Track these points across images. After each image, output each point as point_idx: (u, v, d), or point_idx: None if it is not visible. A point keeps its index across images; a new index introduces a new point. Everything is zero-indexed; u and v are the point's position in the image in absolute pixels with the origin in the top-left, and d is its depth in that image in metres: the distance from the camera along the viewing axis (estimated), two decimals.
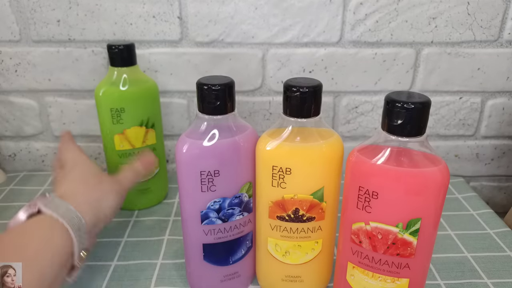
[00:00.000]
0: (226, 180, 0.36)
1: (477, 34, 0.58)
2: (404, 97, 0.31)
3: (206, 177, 0.35)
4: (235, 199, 0.37)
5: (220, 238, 0.38)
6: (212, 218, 0.37)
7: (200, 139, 0.35)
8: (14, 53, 0.59)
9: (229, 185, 0.36)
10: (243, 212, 0.38)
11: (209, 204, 0.36)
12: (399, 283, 0.34)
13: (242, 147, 0.36)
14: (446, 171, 0.32)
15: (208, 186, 0.36)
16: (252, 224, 0.39)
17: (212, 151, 0.35)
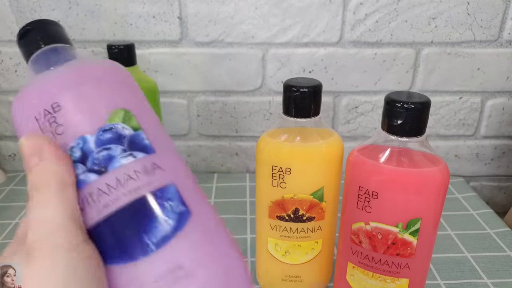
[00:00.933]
0: (76, 111, 0.22)
1: (477, 34, 0.58)
2: (404, 97, 0.31)
3: (45, 119, 0.22)
4: (103, 133, 0.22)
5: (107, 205, 0.20)
6: (80, 175, 0.21)
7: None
8: (14, 53, 0.59)
9: (84, 118, 0.22)
10: (133, 152, 0.21)
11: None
12: (399, 283, 0.34)
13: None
14: (446, 171, 0.32)
15: (53, 131, 0.22)
16: (168, 174, 0.22)
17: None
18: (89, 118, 0.22)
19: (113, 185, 0.21)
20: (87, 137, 0.21)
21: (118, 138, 0.22)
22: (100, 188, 0.20)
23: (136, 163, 0.21)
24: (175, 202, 0.21)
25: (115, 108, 0.22)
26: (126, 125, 0.22)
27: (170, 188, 0.21)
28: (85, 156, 0.21)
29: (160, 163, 0.22)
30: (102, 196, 0.20)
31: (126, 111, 0.22)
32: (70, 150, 0.21)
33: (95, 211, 0.20)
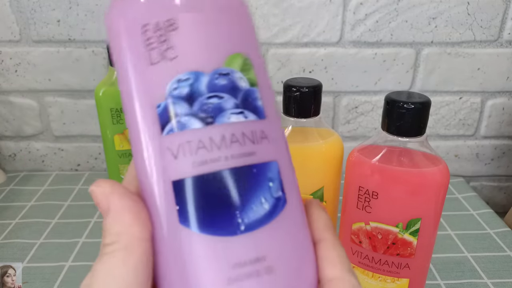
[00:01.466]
0: (193, 39, 0.18)
1: (477, 34, 0.58)
2: (404, 97, 0.31)
3: (154, 33, 0.18)
4: (219, 77, 0.18)
5: (205, 162, 0.17)
6: (181, 117, 0.18)
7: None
8: (14, 53, 0.59)
9: (201, 50, 0.18)
10: (245, 111, 0.18)
11: (170, 86, 0.18)
12: (399, 283, 0.34)
13: None
14: (446, 171, 0.32)
15: (161, 51, 0.18)
16: (273, 148, 0.19)
17: None
18: (207, 54, 0.18)
19: (217, 142, 0.17)
20: (200, 74, 0.18)
21: (233, 88, 0.18)
22: (202, 141, 0.17)
23: (246, 125, 0.18)
24: (275, 184, 0.18)
25: (235, 52, 0.19)
26: (244, 75, 0.19)
27: (273, 165, 0.18)
28: (192, 96, 0.18)
29: (268, 133, 0.19)
30: (201, 150, 0.17)
31: (246, 59, 0.19)
32: (177, 82, 0.18)
33: (188, 164, 0.17)
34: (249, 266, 0.17)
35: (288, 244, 0.18)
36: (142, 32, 0.18)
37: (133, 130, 0.19)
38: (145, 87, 0.18)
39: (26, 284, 0.42)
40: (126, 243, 0.17)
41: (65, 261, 0.45)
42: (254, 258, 0.17)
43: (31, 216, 0.53)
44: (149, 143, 0.18)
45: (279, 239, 0.18)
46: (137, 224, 0.17)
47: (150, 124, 0.18)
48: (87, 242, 0.49)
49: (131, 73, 0.18)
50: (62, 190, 0.60)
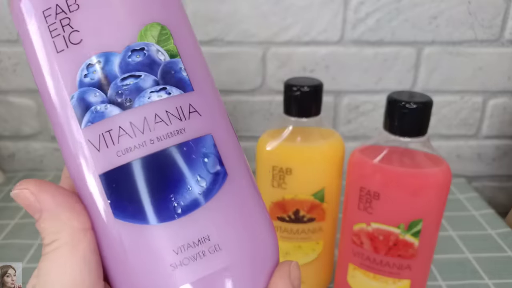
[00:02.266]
0: (98, 16, 0.17)
1: (478, 34, 0.58)
2: (406, 97, 0.30)
3: (56, 18, 0.17)
4: (132, 54, 0.17)
5: (129, 150, 0.16)
6: (97, 105, 0.17)
7: None
8: (12, 53, 0.59)
9: (109, 27, 0.17)
10: (167, 87, 0.17)
11: (80, 73, 0.17)
12: (400, 284, 0.33)
13: None
14: (448, 171, 0.31)
15: (66, 37, 0.17)
16: (205, 121, 0.18)
17: None
18: (115, 30, 0.17)
19: (139, 127, 0.16)
20: (110, 55, 0.16)
21: (150, 63, 0.17)
22: (123, 127, 0.16)
23: (169, 101, 0.17)
24: (211, 158, 0.17)
25: (148, 22, 0.17)
26: (161, 48, 0.17)
27: (207, 139, 0.17)
28: (105, 81, 0.16)
29: (198, 106, 0.17)
30: (124, 138, 0.16)
31: (162, 28, 0.17)
32: (86, 67, 0.16)
33: (112, 154, 0.16)
34: (192, 248, 0.16)
35: (233, 219, 0.17)
36: (44, 18, 0.17)
37: (54, 125, 0.18)
38: (56, 78, 0.17)
39: (26, 284, 0.42)
40: (68, 238, 0.16)
41: None
42: (197, 240, 0.16)
43: (31, 216, 0.53)
44: (70, 138, 0.17)
45: (222, 215, 0.17)
46: (75, 218, 0.17)
47: (67, 118, 0.17)
48: None
49: (40, 64, 0.17)
50: None
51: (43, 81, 0.17)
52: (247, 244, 0.17)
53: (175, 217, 0.16)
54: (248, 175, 0.19)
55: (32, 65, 0.18)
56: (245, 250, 0.17)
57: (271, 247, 0.19)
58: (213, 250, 0.17)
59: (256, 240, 0.18)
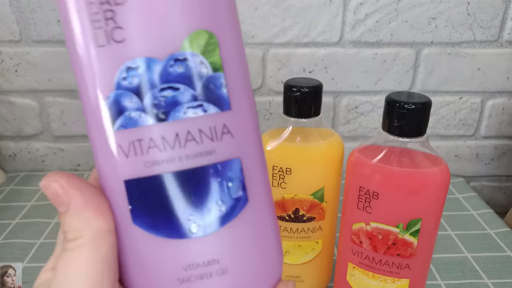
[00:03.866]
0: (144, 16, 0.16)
1: (477, 34, 0.58)
2: (405, 98, 0.31)
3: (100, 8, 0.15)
4: (174, 64, 0.16)
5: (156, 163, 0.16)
6: (131, 112, 0.16)
7: None
8: (14, 53, 0.59)
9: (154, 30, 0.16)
10: (205, 104, 0.17)
11: (119, 75, 0.16)
12: (399, 283, 0.34)
13: None
14: (446, 171, 0.32)
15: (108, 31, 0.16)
16: (236, 144, 0.17)
17: None
18: (161, 34, 0.16)
19: (170, 142, 0.16)
20: (152, 62, 0.16)
21: (191, 76, 0.16)
22: (154, 140, 0.16)
23: (204, 120, 0.16)
24: (235, 183, 0.17)
25: (196, 29, 0.16)
26: (205, 59, 0.16)
27: (234, 163, 0.17)
28: (143, 88, 0.16)
29: (232, 126, 0.17)
30: (153, 150, 0.16)
31: (210, 36, 0.16)
32: (126, 70, 0.16)
33: (139, 164, 0.16)
34: (201, 268, 0.17)
35: (245, 245, 0.17)
36: (87, 5, 0.15)
37: (88, 120, 0.17)
38: (94, 74, 0.16)
39: (26, 284, 0.42)
40: (92, 237, 0.16)
41: None
42: (207, 261, 0.17)
43: (31, 216, 0.53)
44: (102, 137, 0.17)
45: (236, 240, 0.17)
46: (101, 217, 0.16)
47: (102, 117, 0.16)
48: None
49: (79, 55, 0.16)
50: None
51: (81, 73, 0.16)
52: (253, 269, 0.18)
53: (190, 236, 0.17)
54: (268, 199, 0.19)
55: (71, 55, 0.17)
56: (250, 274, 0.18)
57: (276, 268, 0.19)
58: (220, 272, 0.17)
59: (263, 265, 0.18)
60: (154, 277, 0.17)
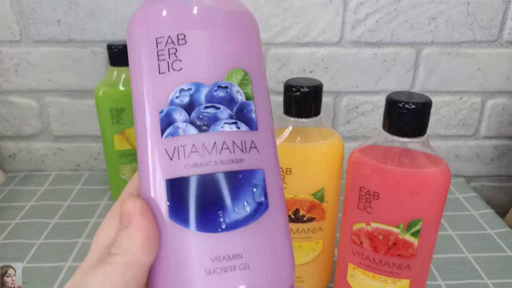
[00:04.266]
0: (199, 53, 0.20)
1: (477, 34, 0.58)
2: (405, 98, 0.31)
3: (166, 46, 0.20)
4: (218, 90, 0.20)
5: (196, 165, 0.20)
6: (179, 123, 0.20)
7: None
8: (14, 53, 0.59)
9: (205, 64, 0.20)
10: (238, 122, 0.20)
11: (173, 94, 0.20)
12: (399, 283, 0.34)
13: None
14: (447, 171, 0.31)
15: (170, 63, 0.20)
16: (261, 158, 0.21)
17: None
18: (210, 67, 0.20)
19: (208, 148, 0.20)
20: (201, 86, 0.20)
21: (229, 100, 0.20)
22: (195, 145, 0.20)
23: (237, 134, 0.20)
24: (259, 190, 0.20)
25: (236, 67, 0.21)
26: (241, 90, 0.21)
27: (259, 173, 0.20)
28: (192, 105, 0.20)
29: (258, 144, 0.21)
30: (194, 154, 0.19)
31: (245, 74, 0.21)
32: (180, 91, 0.20)
33: (181, 165, 0.19)
34: (226, 261, 0.19)
35: (265, 245, 0.20)
36: (156, 44, 0.20)
37: (139, 130, 0.21)
38: (152, 93, 0.20)
39: (26, 284, 0.42)
40: (128, 260, 0.19)
41: (65, 261, 0.45)
42: (232, 255, 0.19)
43: (31, 216, 0.53)
44: (150, 144, 0.20)
45: (257, 239, 0.20)
46: (144, 248, 0.19)
47: (153, 127, 0.20)
48: (86, 242, 0.49)
49: (142, 79, 0.21)
50: (62, 190, 0.60)
51: (141, 94, 0.21)
52: (271, 269, 0.20)
53: (219, 230, 0.19)
54: (284, 209, 0.22)
55: (134, 79, 0.21)
56: (268, 274, 0.20)
57: (289, 273, 0.21)
58: (243, 267, 0.19)
59: (279, 267, 0.21)
60: (184, 268, 0.19)
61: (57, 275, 0.43)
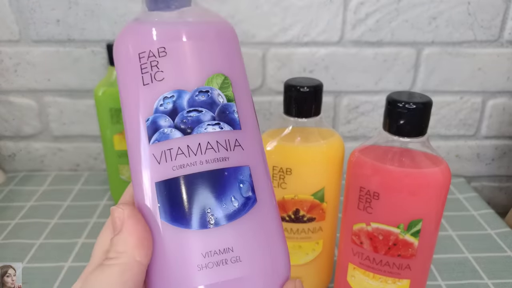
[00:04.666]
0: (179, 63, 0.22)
1: (478, 34, 0.58)
2: (405, 97, 0.31)
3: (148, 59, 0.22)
4: (199, 94, 0.21)
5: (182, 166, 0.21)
6: (165, 129, 0.21)
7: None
8: (13, 53, 0.59)
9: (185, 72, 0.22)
10: (221, 123, 0.21)
11: (157, 103, 0.21)
12: (400, 284, 0.33)
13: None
14: (447, 171, 0.31)
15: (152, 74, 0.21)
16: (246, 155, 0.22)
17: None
18: (190, 75, 0.21)
19: (193, 149, 0.21)
20: (182, 92, 0.21)
21: (211, 103, 0.21)
22: (181, 148, 0.21)
23: (220, 134, 0.21)
24: (246, 185, 0.21)
25: (215, 72, 0.22)
26: (222, 93, 0.22)
27: (245, 170, 0.21)
28: (175, 111, 0.21)
29: (242, 142, 0.22)
30: (180, 156, 0.21)
31: (225, 78, 0.22)
32: (163, 99, 0.21)
33: (168, 168, 0.21)
34: (218, 255, 0.20)
35: (256, 237, 0.21)
36: (139, 59, 0.22)
37: (129, 139, 0.22)
38: (138, 104, 0.22)
39: (26, 284, 0.42)
40: (124, 261, 0.20)
41: (65, 261, 0.45)
42: (222, 249, 0.20)
43: (31, 216, 0.53)
44: (139, 150, 0.21)
45: (247, 232, 0.21)
46: (139, 250, 0.20)
47: (141, 135, 0.21)
48: (86, 242, 0.49)
49: (128, 92, 0.22)
50: (61, 190, 0.60)
51: (128, 106, 0.22)
52: (263, 261, 0.21)
53: (208, 226, 0.20)
54: (273, 203, 0.22)
55: (122, 92, 0.23)
56: (260, 266, 0.21)
57: (283, 265, 0.22)
58: (234, 260, 0.20)
59: (271, 258, 0.21)
60: (177, 265, 0.20)
61: (57, 275, 0.43)
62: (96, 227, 0.51)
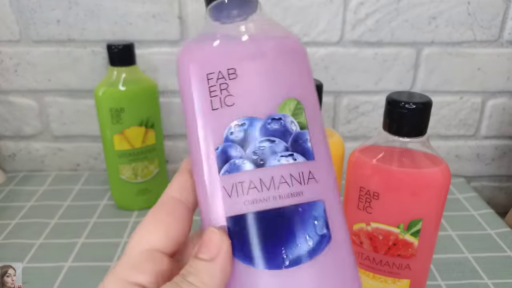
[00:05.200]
0: (250, 87, 0.20)
1: (478, 34, 0.58)
2: (405, 97, 0.31)
3: (217, 81, 0.20)
4: (271, 122, 0.20)
5: (255, 202, 0.20)
6: (236, 160, 0.20)
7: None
8: (14, 53, 0.59)
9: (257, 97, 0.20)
10: (294, 154, 0.20)
11: (227, 131, 0.20)
12: (400, 284, 0.33)
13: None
14: (447, 171, 0.31)
15: (222, 98, 0.20)
16: (320, 188, 0.20)
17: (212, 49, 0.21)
18: (262, 100, 0.20)
19: (266, 184, 0.19)
20: (254, 120, 0.20)
21: (284, 132, 0.20)
22: (253, 182, 0.19)
23: (294, 167, 0.20)
24: (320, 222, 0.20)
25: (288, 96, 0.20)
26: (295, 120, 0.20)
27: (319, 205, 0.20)
28: (246, 140, 0.20)
29: (316, 174, 0.20)
30: (252, 190, 0.19)
31: (298, 103, 0.20)
32: (234, 127, 0.20)
33: (240, 202, 0.19)
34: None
35: (332, 277, 0.20)
36: (207, 80, 0.20)
37: (196, 168, 0.21)
38: (207, 130, 0.20)
39: (26, 284, 0.42)
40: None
41: (65, 261, 0.45)
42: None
43: (31, 216, 0.53)
44: (208, 182, 0.20)
45: (323, 273, 0.19)
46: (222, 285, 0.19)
47: (210, 165, 0.20)
48: (86, 242, 0.49)
49: (195, 116, 0.21)
50: (61, 190, 0.60)
51: (195, 131, 0.21)
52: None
53: (282, 267, 0.19)
54: (347, 238, 0.21)
55: (187, 116, 0.21)
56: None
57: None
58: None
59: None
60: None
61: (57, 275, 0.43)
62: (96, 227, 0.51)
